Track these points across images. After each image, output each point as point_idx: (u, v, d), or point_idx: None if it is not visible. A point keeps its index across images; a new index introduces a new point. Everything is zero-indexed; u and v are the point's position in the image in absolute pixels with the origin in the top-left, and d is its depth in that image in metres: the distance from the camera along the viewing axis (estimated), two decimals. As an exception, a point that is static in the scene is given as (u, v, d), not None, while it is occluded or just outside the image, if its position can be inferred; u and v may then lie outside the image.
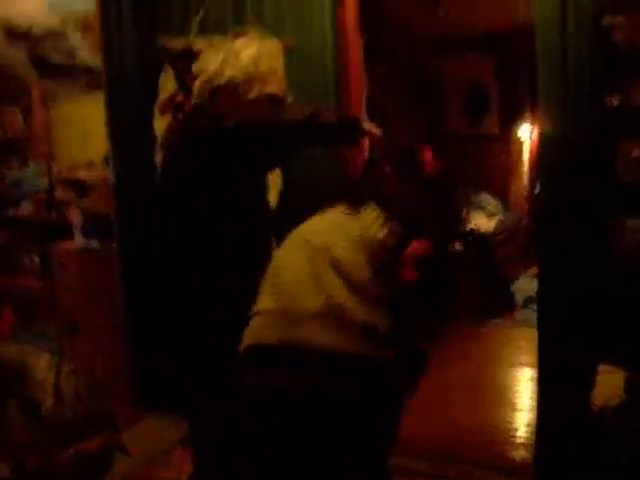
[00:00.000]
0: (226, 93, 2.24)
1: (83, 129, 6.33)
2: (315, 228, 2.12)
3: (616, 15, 2.49)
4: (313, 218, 2.14)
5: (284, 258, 2.09)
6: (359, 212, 2.07)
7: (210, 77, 2.24)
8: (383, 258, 1.99)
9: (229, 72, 2.24)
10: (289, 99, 2.44)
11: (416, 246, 2.01)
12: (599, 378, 2.52)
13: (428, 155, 2.24)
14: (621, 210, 2.58)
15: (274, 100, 2.30)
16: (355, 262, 1.97)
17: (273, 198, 3.28)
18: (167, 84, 2.63)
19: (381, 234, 2.00)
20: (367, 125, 2.37)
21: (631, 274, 2.56)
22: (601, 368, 2.55)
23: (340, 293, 1.92)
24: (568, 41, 2.58)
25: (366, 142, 2.53)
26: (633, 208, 2.55)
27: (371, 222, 2.03)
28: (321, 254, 1.98)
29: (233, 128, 2.17)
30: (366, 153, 2.68)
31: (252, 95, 2.25)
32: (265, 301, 2.02)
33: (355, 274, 1.96)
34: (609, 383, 2.48)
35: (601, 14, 2.51)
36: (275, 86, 2.28)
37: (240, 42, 2.31)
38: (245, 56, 2.27)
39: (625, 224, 2.56)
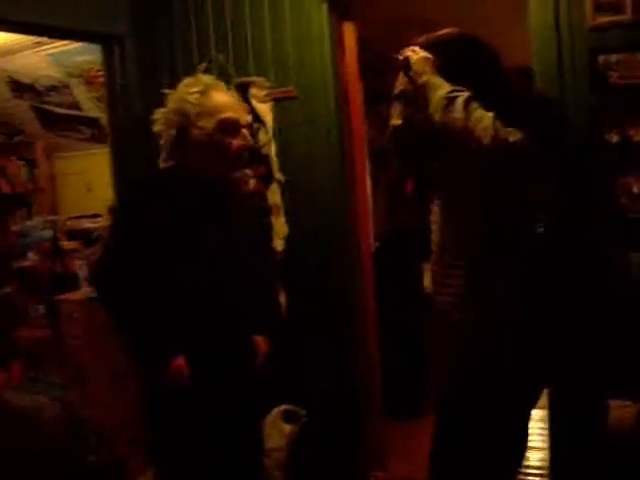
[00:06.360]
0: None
1: (87, 181, 6.41)
2: None
3: (610, 55, 2.57)
4: None
5: None
6: None
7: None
8: None
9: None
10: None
11: None
12: (611, 414, 2.51)
13: None
14: (624, 244, 2.61)
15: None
16: None
17: (279, 244, 3.31)
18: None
19: None
20: None
21: (636, 308, 2.57)
22: (612, 403, 2.53)
23: None
24: (566, 81, 2.64)
25: None
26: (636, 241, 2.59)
27: None
28: None
29: None
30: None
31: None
32: None
33: None
34: (621, 418, 2.46)
35: (596, 54, 2.58)
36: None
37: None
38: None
39: (629, 257, 2.58)
